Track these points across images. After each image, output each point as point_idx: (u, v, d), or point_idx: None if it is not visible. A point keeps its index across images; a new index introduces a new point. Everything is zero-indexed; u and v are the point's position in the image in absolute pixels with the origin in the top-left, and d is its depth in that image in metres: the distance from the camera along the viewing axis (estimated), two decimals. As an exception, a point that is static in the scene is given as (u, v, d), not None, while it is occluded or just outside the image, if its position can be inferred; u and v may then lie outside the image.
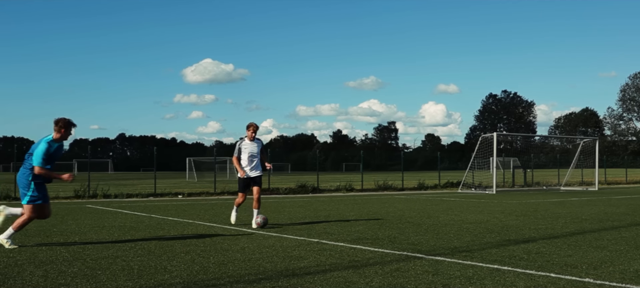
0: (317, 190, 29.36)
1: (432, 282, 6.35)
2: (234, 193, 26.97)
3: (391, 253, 8.37)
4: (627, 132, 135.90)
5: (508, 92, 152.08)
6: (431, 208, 17.63)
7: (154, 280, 6.48)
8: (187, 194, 26.02)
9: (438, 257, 7.94)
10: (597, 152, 35.34)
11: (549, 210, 16.67)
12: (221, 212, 16.16)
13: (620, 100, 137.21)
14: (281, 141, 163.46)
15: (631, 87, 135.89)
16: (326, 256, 8.08)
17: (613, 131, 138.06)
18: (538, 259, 7.77)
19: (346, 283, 6.27)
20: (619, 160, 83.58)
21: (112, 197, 23.59)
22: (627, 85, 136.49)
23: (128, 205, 18.98)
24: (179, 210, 16.73)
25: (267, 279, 6.53)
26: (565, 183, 36.47)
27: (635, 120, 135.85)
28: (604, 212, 15.76)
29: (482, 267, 7.18)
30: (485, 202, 20.92)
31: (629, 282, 6.31)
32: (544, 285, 6.15)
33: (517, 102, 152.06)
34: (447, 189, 32.65)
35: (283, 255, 8.21)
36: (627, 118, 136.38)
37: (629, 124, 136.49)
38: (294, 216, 14.67)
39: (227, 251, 8.59)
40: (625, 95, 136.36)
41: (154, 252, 8.55)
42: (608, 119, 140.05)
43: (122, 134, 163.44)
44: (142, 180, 51.21)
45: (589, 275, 6.66)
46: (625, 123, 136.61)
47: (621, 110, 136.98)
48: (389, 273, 6.82)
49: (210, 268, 7.18)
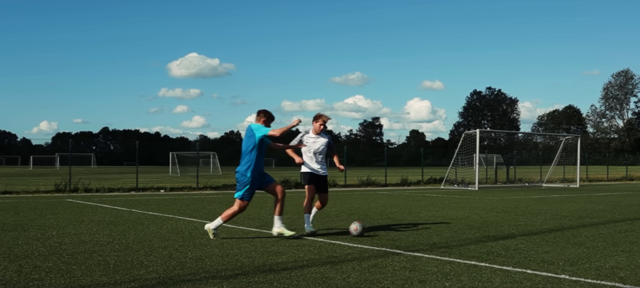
0: (300, 185, 29.33)
1: (408, 278, 6.34)
2: (217, 188, 26.90)
3: (370, 249, 8.36)
4: (610, 129, 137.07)
5: (492, 89, 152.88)
6: (413, 204, 17.67)
7: (130, 275, 6.43)
8: (169, 189, 25.90)
9: (416, 253, 7.95)
10: (579, 150, 35.57)
11: (529, 206, 16.75)
12: (202, 207, 16.10)
13: (603, 99, 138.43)
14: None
15: (614, 85, 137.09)
16: (305, 252, 8.06)
17: (596, 129, 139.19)
18: (516, 255, 7.79)
19: (323, 279, 6.25)
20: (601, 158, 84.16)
21: (93, 191, 23.45)
22: (610, 83, 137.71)
23: (109, 200, 18.87)
24: (160, 205, 16.64)
25: (243, 275, 6.50)
26: (547, 180, 36.71)
27: (618, 118, 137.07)
28: (583, 209, 15.85)
29: (459, 263, 7.19)
30: (467, 198, 21.00)
31: (605, 278, 6.34)
32: (520, 282, 6.16)
33: (501, 99, 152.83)
34: (430, 185, 32.75)
35: (261, 250, 8.18)
36: (610, 116, 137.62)
37: (612, 121, 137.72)
38: (275, 211, 14.61)
39: (205, 246, 8.54)
40: (608, 94, 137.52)
41: (132, 246, 8.49)
42: (591, 116, 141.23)
43: (105, 128, 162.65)
44: (124, 174, 50.93)
45: (565, 272, 6.69)
46: (608, 121, 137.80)
47: (604, 108, 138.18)
48: (367, 269, 6.81)
49: (187, 264, 7.14)
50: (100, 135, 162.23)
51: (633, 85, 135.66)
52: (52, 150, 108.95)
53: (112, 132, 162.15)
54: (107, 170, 75.96)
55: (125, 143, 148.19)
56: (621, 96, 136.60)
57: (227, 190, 26.34)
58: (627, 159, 63.47)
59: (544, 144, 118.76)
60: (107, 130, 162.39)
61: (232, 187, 27.59)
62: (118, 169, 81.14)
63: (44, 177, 41.56)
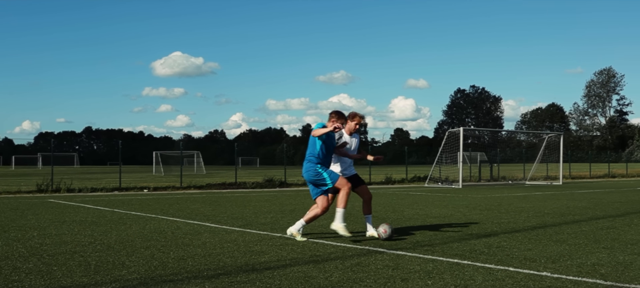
0: (284, 184, 29.30)
1: (391, 276, 6.34)
2: (201, 187, 26.80)
3: (353, 247, 8.35)
4: (592, 127, 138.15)
5: (476, 88, 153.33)
6: (397, 202, 17.69)
7: (111, 276, 6.38)
8: (152, 188, 25.78)
9: (399, 252, 7.95)
10: (562, 147, 35.80)
11: (512, 204, 16.83)
12: (186, 206, 16.02)
13: (585, 96, 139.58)
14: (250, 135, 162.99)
15: (596, 83, 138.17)
16: (288, 251, 8.04)
17: (578, 126, 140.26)
18: (498, 253, 7.82)
19: (306, 278, 6.23)
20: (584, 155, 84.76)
21: (76, 191, 23.28)
22: (592, 81, 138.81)
23: (91, 200, 18.74)
24: (143, 205, 16.55)
25: (225, 274, 6.47)
26: (530, 177, 36.90)
27: (600, 116, 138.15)
28: (566, 206, 15.95)
29: (442, 261, 7.20)
30: (451, 196, 21.06)
31: (586, 275, 6.37)
32: (502, 279, 6.18)
33: (485, 97, 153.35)
34: (414, 183, 32.83)
35: (244, 249, 8.15)
36: (592, 113, 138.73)
37: (594, 119, 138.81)
38: (259, 210, 14.59)
39: (188, 246, 8.50)
40: (591, 91, 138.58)
41: (114, 247, 8.43)
42: (574, 114, 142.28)
43: (88, 128, 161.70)
44: (107, 174, 50.64)
45: (547, 269, 6.71)
46: (590, 118, 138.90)
47: (586, 106, 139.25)
48: (349, 267, 6.80)
49: (170, 264, 7.09)
50: (84, 135, 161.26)
51: (615, 83, 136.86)
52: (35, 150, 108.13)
53: (95, 132, 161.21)
54: (90, 169, 75.51)
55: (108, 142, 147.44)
56: (603, 94, 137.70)
57: (211, 189, 26.25)
58: (610, 156, 64.00)
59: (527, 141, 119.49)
60: (90, 129, 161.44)
61: (216, 186, 27.51)
62: (101, 169, 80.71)
63: (25, 177, 41.23)
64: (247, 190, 25.54)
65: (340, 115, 9.33)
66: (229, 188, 27.08)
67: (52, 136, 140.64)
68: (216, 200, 18.73)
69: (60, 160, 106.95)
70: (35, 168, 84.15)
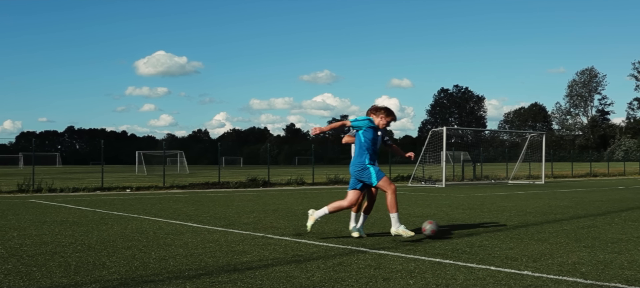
0: (268, 183, 29.26)
1: (373, 276, 6.34)
2: (184, 187, 26.69)
3: (335, 247, 8.35)
4: (574, 126, 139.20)
5: (459, 87, 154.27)
6: (379, 201, 17.61)
7: (91, 277, 6.32)
8: (135, 188, 25.63)
9: (382, 251, 7.95)
10: (544, 146, 36.03)
11: (495, 203, 16.90)
12: (168, 206, 15.94)
13: (567, 96, 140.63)
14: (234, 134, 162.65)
15: (578, 83, 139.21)
16: (270, 251, 8.02)
17: (561, 126, 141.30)
18: (480, 252, 7.84)
19: (287, 278, 6.21)
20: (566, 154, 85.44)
21: (58, 191, 23.11)
22: (574, 81, 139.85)
23: (73, 200, 18.60)
24: (125, 205, 16.45)
25: (207, 274, 6.44)
26: (513, 176, 37.09)
27: (582, 115, 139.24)
28: (548, 205, 16.04)
29: (424, 261, 7.21)
30: (434, 195, 21.12)
31: (566, 274, 6.40)
32: (483, 278, 6.20)
33: (468, 96, 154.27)
34: (398, 183, 32.88)
35: (226, 249, 8.12)
36: (574, 113, 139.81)
37: (576, 118, 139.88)
38: (242, 210, 14.55)
39: (169, 246, 8.45)
40: (573, 91, 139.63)
41: (94, 247, 8.37)
42: (556, 113, 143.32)
43: (71, 127, 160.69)
44: (90, 174, 50.33)
45: (528, 268, 6.74)
46: (572, 118, 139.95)
47: (568, 106, 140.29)
48: (331, 267, 6.79)
49: (151, 264, 7.05)
50: (66, 134, 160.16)
51: (597, 83, 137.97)
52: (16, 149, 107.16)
53: (77, 131, 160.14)
54: (73, 169, 75.00)
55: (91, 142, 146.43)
56: (585, 94, 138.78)
57: (194, 189, 26.14)
58: (591, 155, 64.50)
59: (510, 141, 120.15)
60: (72, 129, 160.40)
61: (199, 185, 27.41)
62: (84, 169, 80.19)
63: (6, 177, 40.87)
64: (230, 190, 25.47)
65: (378, 110, 9.44)
66: (212, 188, 26.99)
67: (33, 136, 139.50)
68: (199, 199, 18.66)
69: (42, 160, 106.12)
70: (17, 168, 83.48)
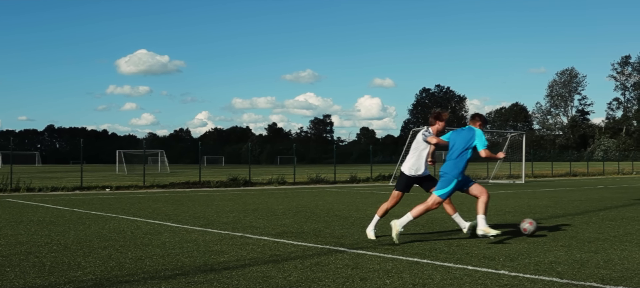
0: (249, 183, 29.17)
1: (350, 275, 6.32)
2: (164, 186, 26.54)
3: (314, 247, 8.32)
4: (555, 126, 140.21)
5: (441, 87, 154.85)
6: (360, 201, 17.71)
7: (65, 277, 6.25)
8: (115, 187, 25.44)
9: (360, 251, 7.94)
10: (524, 146, 36.23)
11: (474, 202, 16.89)
12: (147, 205, 15.84)
13: (548, 96, 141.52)
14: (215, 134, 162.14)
15: (558, 83, 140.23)
16: (248, 250, 7.98)
17: (541, 125, 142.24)
18: (458, 252, 7.85)
19: (264, 278, 6.18)
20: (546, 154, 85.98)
21: (36, 191, 22.89)
22: (554, 81, 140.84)
23: (51, 199, 18.43)
24: (103, 204, 16.32)
25: (183, 275, 6.39)
26: (493, 176, 37.26)
27: (562, 115, 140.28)
28: (527, 205, 16.12)
29: (401, 260, 7.21)
30: (415, 194, 21.08)
31: (542, 273, 6.43)
32: (460, 278, 6.20)
33: (449, 96, 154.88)
34: (379, 182, 32.93)
35: (204, 249, 8.07)
36: (555, 113, 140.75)
37: (556, 118, 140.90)
38: (222, 210, 14.48)
39: (146, 246, 8.39)
40: (553, 91, 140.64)
41: (70, 247, 8.28)
42: (537, 113, 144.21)
43: (51, 126, 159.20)
44: (70, 173, 49.90)
45: (505, 267, 6.76)
46: (553, 118, 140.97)
47: (549, 106, 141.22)
48: (309, 267, 6.77)
49: (126, 264, 6.99)
50: (46, 133, 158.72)
51: (577, 83, 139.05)
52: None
53: (58, 130, 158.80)
54: (52, 168, 74.35)
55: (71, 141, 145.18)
56: (565, 94, 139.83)
57: (174, 188, 26.00)
58: (571, 155, 64.96)
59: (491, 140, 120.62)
60: (52, 127, 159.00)
61: (179, 185, 27.25)
62: (63, 168, 79.50)
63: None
64: (211, 189, 25.37)
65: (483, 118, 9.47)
66: (192, 187, 26.86)
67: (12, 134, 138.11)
68: (179, 199, 18.56)
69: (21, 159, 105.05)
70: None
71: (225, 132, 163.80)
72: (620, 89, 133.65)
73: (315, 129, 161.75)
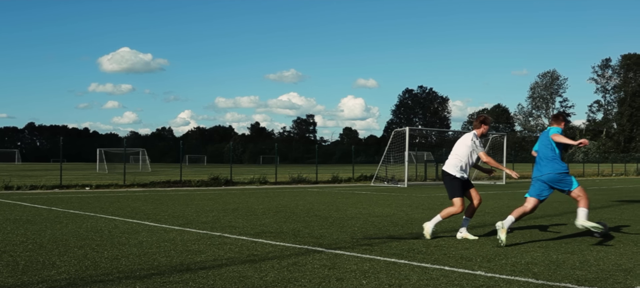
0: (230, 182, 29.07)
1: (326, 276, 6.30)
2: (144, 185, 26.37)
3: (292, 247, 8.30)
4: (536, 128, 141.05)
5: (424, 88, 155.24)
6: (341, 201, 17.70)
7: (39, 276, 6.18)
8: (95, 186, 25.24)
9: (338, 251, 7.92)
10: (505, 147, 36.42)
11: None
12: (127, 204, 15.72)
13: (530, 98, 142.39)
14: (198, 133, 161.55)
15: (540, 85, 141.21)
16: (225, 250, 7.94)
17: (523, 127, 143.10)
18: (435, 252, 7.86)
19: (240, 278, 6.15)
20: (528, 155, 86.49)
21: (14, 189, 22.65)
22: (536, 83, 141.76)
23: (29, 198, 18.25)
24: (82, 203, 16.18)
25: (159, 274, 6.34)
26: (474, 177, 37.41)
27: (544, 117, 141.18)
28: (507, 206, 16.19)
29: (379, 261, 7.20)
30: (396, 195, 21.19)
31: (518, 274, 6.45)
32: (436, 278, 6.21)
33: (432, 97, 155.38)
34: (361, 182, 32.95)
35: (181, 249, 8.02)
36: (536, 114, 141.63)
37: (538, 120, 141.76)
38: (202, 209, 14.41)
39: (123, 245, 8.32)
40: (535, 93, 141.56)
41: (46, 246, 8.20)
42: (518, 115, 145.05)
43: (31, 123, 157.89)
44: (50, 171, 49.47)
45: (482, 268, 6.77)
46: (534, 119, 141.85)
47: (530, 107, 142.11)
48: (286, 267, 6.74)
49: (102, 263, 6.92)
50: (26, 131, 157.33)
51: (558, 85, 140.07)
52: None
53: (38, 128, 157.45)
54: (32, 167, 73.69)
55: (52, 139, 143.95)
56: (547, 96, 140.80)
57: (155, 187, 25.84)
58: (552, 157, 65.30)
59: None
60: (33, 125, 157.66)
61: (160, 184, 27.10)
62: (44, 166, 78.81)
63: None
64: (191, 189, 25.25)
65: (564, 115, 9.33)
66: (173, 186, 26.72)
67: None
68: (159, 198, 18.45)
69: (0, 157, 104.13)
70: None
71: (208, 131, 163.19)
72: (601, 92, 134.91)
73: (298, 129, 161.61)
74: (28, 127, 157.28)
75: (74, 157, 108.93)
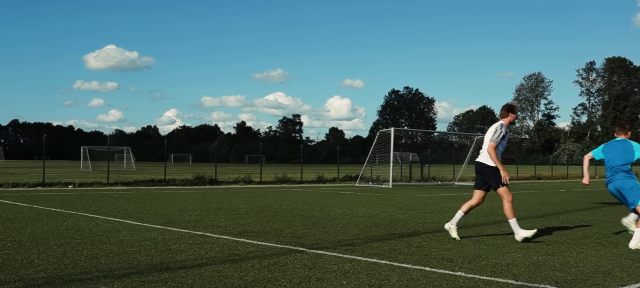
0: (214, 181, 28.99)
1: (307, 276, 6.29)
2: (128, 184, 26.24)
3: (273, 246, 8.27)
4: (521, 130, 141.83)
5: (410, 89, 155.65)
6: (325, 201, 17.69)
7: (16, 275, 6.12)
8: (78, 184, 25.09)
9: (319, 251, 7.91)
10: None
11: (439, 204, 17.05)
12: (109, 203, 15.63)
13: (515, 100, 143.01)
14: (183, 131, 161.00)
15: (525, 87, 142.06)
16: (206, 249, 7.90)
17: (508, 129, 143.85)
18: (417, 253, 7.86)
19: (220, 278, 6.12)
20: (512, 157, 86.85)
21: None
22: (522, 85, 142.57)
23: (11, 195, 18.10)
24: (65, 201, 16.07)
25: (138, 273, 6.30)
26: (459, 178, 37.54)
27: (529, 119, 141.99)
28: (490, 207, 16.22)
29: (360, 261, 7.19)
30: (380, 195, 21.21)
31: (499, 275, 6.46)
32: (417, 279, 6.20)
33: (418, 98, 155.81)
34: (346, 183, 32.97)
35: (162, 248, 7.97)
36: (521, 116, 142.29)
37: (523, 122, 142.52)
38: (185, 208, 14.35)
39: (104, 244, 8.26)
40: (520, 95, 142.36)
41: (25, 244, 8.12)
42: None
43: (15, 121, 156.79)
44: (33, 168, 49.10)
45: (462, 269, 6.78)
46: (519, 121, 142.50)
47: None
48: (266, 267, 6.72)
49: (81, 262, 6.87)
50: (10, 128, 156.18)
51: (543, 87, 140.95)
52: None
53: (22, 125, 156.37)
54: (15, 164, 73.15)
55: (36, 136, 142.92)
56: (532, 98, 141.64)
57: (138, 185, 25.72)
58: (537, 159, 65.75)
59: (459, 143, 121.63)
60: (17, 122, 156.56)
61: (144, 182, 26.98)
62: (27, 164, 78.22)
63: None
64: (175, 187, 25.15)
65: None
66: (157, 185, 26.60)
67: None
68: (142, 197, 18.35)
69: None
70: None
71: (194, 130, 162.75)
72: (585, 95, 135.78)
73: (284, 129, 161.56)
74: (12, 124, 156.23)
75: (58, 155, 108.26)
